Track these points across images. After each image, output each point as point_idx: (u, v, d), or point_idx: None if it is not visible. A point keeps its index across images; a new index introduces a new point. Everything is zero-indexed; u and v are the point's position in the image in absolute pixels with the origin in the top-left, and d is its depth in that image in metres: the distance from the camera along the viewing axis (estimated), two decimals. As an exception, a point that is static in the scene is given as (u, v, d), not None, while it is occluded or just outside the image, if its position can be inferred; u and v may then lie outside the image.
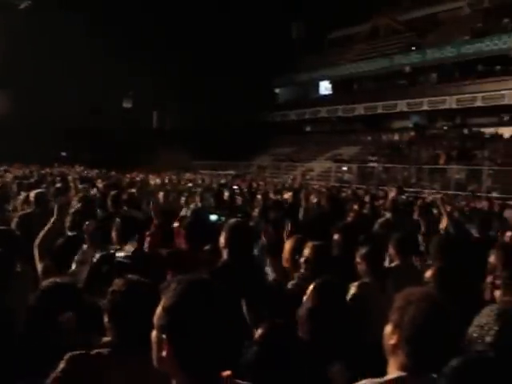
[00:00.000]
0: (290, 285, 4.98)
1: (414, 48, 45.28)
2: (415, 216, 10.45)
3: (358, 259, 5.44)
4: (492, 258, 5.93)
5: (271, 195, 14.95)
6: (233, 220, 5.58)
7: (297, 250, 5.37)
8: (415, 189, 28.69)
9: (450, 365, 2.98)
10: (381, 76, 46.71)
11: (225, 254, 5.05)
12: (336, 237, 6.09)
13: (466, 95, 38.79)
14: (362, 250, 5.46)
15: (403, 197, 18.17)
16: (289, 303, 3.99)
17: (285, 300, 4.20)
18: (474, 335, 3.11)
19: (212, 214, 9.46)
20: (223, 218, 8.68)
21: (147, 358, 2.18)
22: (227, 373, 2.17)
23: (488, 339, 2.97)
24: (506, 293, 4.60)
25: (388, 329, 2.61)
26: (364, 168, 37.60)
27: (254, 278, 4.85)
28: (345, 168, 39.43)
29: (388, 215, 10.44)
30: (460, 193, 26.13)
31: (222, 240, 5.07)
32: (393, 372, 2.54)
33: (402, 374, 2.51)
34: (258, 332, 3.43)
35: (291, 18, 56.88)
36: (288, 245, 5.65)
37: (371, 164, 38.04)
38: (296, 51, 56.27)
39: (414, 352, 2.51)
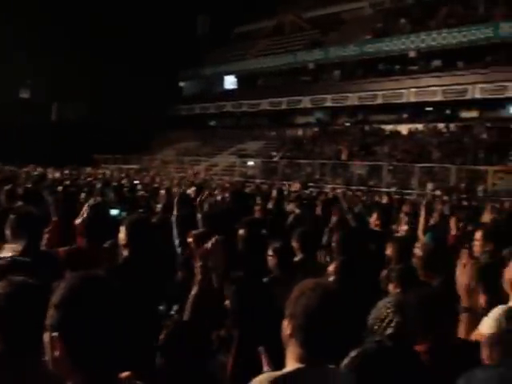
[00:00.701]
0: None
1: (316, 46, 45.94)
2: (318, 211, 10.59)
3: (270, 253, 5.47)
4: (388, 251, 6.11)
5: (175, 190, 14.78)
6: (133, 215, 5.42)
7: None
8: (318, 184, 29.18)
9: (350, 355, 3.06)
10: (285, 72, 47.09)
11: (125, 251, 4.80)
12: (241, 232, 6.07)
13: (368, 93, 39.73)
14: (275, 245, 5.51)
15: (306, 191, 18.44)
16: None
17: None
18: (375, 327, 3.20)
19: (113, 208, 9.14)
20: (124, 213, 8.48)
21: (38, 363, 2.08)
22: (126, 374, 2.12)
23: (389, 331, 3.06)
24: (397, 285, 4.76)
25: (285, 321, 2.60)
26: (268, 163, 37.90)
27: (156, 275, 4.73)
28: (251, 163, 39.59)
29: (297, 210, 10.57)
30: (362, 187, 26.80)
31: (121, 236, 4.80)
32: (291, 364, 2.53)
33: (300, 365, 2.49)
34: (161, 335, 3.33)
35: (197, 11, 56.55)
36: (192, 238, 5.62)
37: (275, 159, 38.35)
38: (202, 45, 55.97)
39: (307, 341, 2.50)
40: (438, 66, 37.63)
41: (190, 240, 5.78)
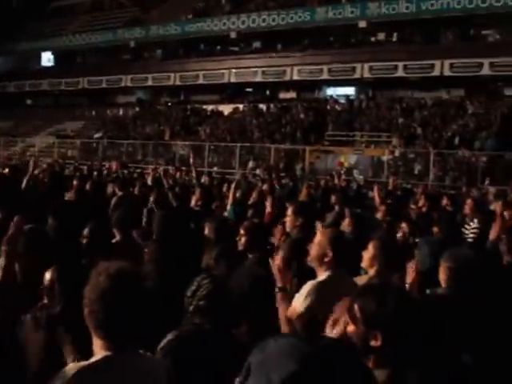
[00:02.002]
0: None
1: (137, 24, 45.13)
2: (136, 191, 10.39)
3: (85, 234, 5.26)
4: (207, 231, 6.08)
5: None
6: None
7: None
8: (140, 165, 28.74)
9: (167, 338, 3.00)
10: (105, 50, 45.89)
11: None
12: (50, 220, 5.72)
13: (189, 73, 39.72)
14: (90, 226, 5.29)
15: (125, 171, 18.07)
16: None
17: None
18: (189, 299, 3.12)
19: None
20: None
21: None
22: None
23: (203, 303, 3.01)
24: (217, 265, 4.84)
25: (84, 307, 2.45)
26: (88, 143, 36.84)
27: None
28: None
29: (117, 191, 10.23)
30: (184, 168, 26.70)
31: None
32: (97, 352, 2.42)
33: (107, 353, 2.39)
34: None
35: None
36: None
37: (96, 139, 37.35)
38: (16, 19, 52.82)
39: (107, 327, 2.40)
40: (257, 47, 38.39)
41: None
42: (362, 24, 32.93)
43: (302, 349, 1.49)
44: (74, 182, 10.58)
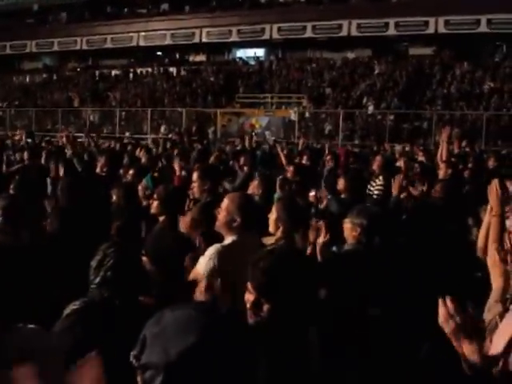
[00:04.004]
0: None
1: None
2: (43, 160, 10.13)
3: None
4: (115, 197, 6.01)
5: None
6: None
7: None
8: (48, 133, 27.97)
9: (72, 307, 2.89)
10: (7, 14, 43.96)
11: None
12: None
13: (97, 37, 38.75)
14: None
15: (29, 140, 17.55)
16: None
17: None
18: (94, 270, 3.04)
19: None
20: None
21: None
22: None
23: (109, 274, 2.92)
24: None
25: None
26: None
27: None
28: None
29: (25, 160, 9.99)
30: (93, 135, 26.14)
31: None
32: None
33: None
34: None
35: None
36: None
37: (2, 108, 36.05)
38: None
39: None
40: (165, 9, 37.77)
41: None
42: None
43: (200, 320, 1.48)
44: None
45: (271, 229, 4.47)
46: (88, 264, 3.11)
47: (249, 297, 2.42)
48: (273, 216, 4.44)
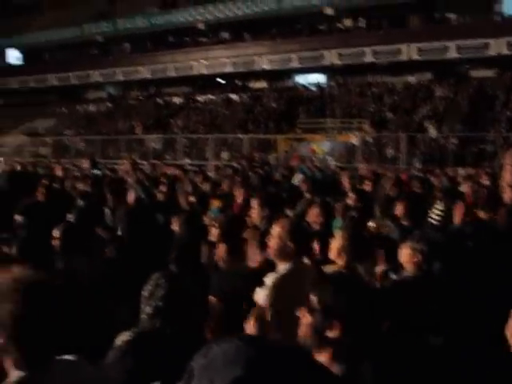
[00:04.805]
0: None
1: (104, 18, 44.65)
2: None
3: (55, 234, 5.15)
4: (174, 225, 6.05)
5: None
6: None
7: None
8: (111, 160, 28.49)
9: (123, 338, 2.88)
10: (72, 45, 45.29)
11: None
12: (18, 218, 5.69)
13: (159, 65, 39.51)
14: (60, 227, 5.23)
15: (98, 171, 17.79)
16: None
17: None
18: (145, 302, 3.03)
19: None
20: None
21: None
22: None
23: (160, 304, 2.91)
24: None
25: None
26: (60, 141, 36.47)
27: None
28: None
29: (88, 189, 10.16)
30: (157, 161, 26.56)
31: None
32: (12, 373, 2.23)
33: (23, 374, 2.20)
34: None
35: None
36: None
37: (67, 137, 36.99)
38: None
39: (24, 347, 2.22)
40: (226, 37, 38.27)
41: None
42: (329, 11, 32.97)
43: (248, 353, 1.45)
44: (43, 182, 10.47)
45: (333, 256, 4.40)
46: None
47: (307, 320, 2.38)
48: (336, 244, 4.37)
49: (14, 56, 51.53)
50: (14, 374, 2.22)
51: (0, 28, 48.90)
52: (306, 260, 3.90)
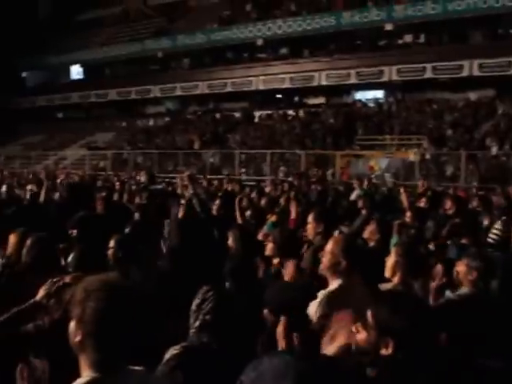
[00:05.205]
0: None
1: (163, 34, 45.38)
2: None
3: (111, 245, 5.26)
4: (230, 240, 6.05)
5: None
6: None
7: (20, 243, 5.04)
8: (170, 174, 28.82)
9: (172, 352, 2.89)
10: (133, 61, 46.09)
11: None
12: (74, 230, 5.76)
13: (217, 81, 39.87)
14: (117, 237, 5.31)
15: (157, 186, 17.98)
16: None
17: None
18: (194, 314, 3.03)
19: None
20: None
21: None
22: None
23: (208, 317, 2.92)
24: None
25: (72, 325, 2.34)
26: (119, 154, 37.08)
27: None
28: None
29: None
30: (214, 176, 26.72)
31: None
32: (85, 373, 2.29)
33: (95, 375, 2.27)
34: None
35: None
36: (12, 238, 5.28)
37: (126, 150, 37.57)
38: (44, 32, 53.41)
39: (101, 348, 2.28)
40: (284, 53, 38.40)
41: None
42: (389, 27, 32.78)
43: (297, 367, 1.42)
44: (102, 194, 10.63)
45: (388, 274, 4.34)
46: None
47: (363, 336, 2.34)
48: (391, 261, 4.30)
49: (76, 71, 52.78)
50: (86, 373, 2.28)
51: (64, 45, 50.26)
52: (358, 277, 3.81)
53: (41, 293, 3.68)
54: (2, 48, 46.39)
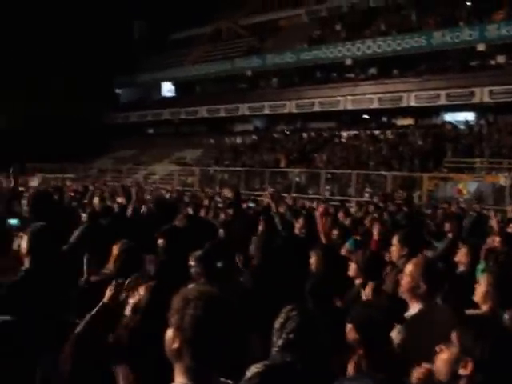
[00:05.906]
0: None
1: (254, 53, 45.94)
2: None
3: (192, 262, 5.30)
4: (312, 259, 6.02)
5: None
6: (37, 224, 5.12)
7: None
8: (258, 192, 29.00)
9: (254, 370, 2.89)
10: (223, 79, 46.88)
11: (27, 262, 4.63)
12: (160, 242, 5.89)
13: (305, 100, 39.94)
14: (197, 253, 5.36)
15: (252, 204, 18.14)
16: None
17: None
18: (277, 332, 3.02)
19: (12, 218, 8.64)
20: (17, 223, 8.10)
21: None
22: None
23: (291, 336, 2.90)
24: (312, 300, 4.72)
25: (169, 333, 2.41)
26: (207, 171, 37.61)
27: (59, 284, 4.56)
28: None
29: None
30: (301, 195, 26.73)
31: (23, 246, 4.66)
32: (179, 380, 2.37)
33: (188, 382, 2.34)
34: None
35: (133, 16, 55.74)
36: (115, 249, 5.41)
37: (214, 167, 38.08)
38: (138, 51, 55.23)
39: (197, 355, 2.34)
40: (373, 73, 38.15)
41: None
42: (481, 47, 32.09)
43: None
44: (188, 209, 10.83)
45: (477, 300, 4.22)
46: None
47: (444, 356, 2.35)
48: (481, 289, 4.16)
49: (167, 88, 54.09)
50: (179, 380, 2.36)
51: (157, 63, 51.73)
52: (439, 301, 3.74)
53: (107, 294, 3.83)
54: (99, 65, 48.09)
